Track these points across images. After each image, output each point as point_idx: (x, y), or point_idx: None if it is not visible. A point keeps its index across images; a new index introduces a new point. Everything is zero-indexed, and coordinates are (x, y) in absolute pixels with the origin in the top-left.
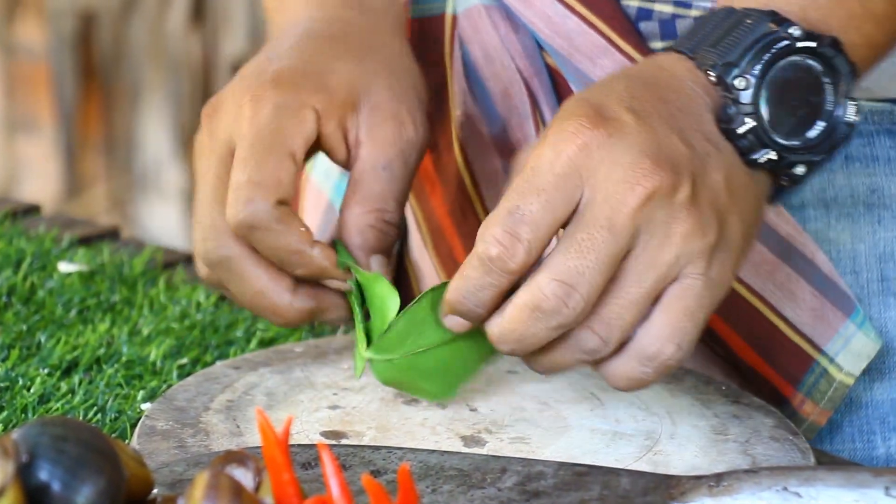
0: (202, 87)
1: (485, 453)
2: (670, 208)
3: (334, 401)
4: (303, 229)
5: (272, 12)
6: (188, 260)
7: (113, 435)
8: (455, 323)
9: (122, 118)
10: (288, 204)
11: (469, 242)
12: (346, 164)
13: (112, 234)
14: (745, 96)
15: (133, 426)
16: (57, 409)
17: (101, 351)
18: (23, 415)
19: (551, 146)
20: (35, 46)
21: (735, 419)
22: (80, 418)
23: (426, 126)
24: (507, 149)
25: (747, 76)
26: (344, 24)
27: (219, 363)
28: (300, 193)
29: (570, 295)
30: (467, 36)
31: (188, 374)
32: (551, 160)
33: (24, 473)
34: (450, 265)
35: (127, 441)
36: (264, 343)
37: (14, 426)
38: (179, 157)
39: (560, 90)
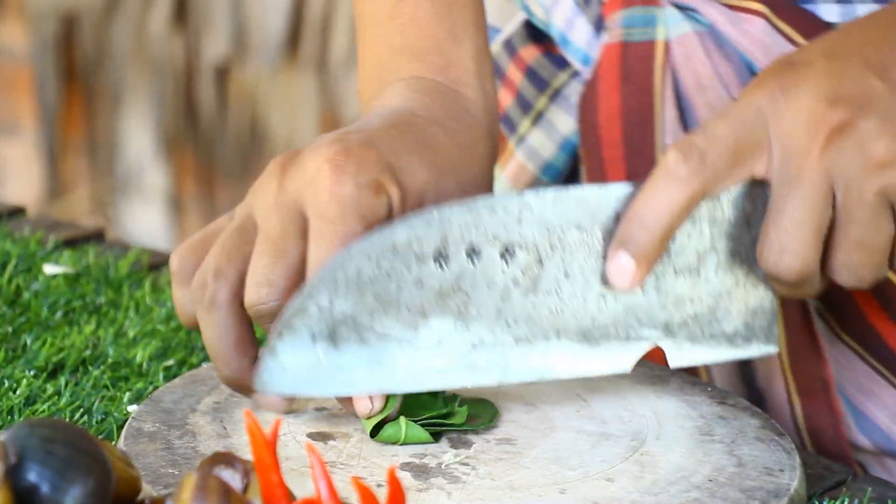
0: (184, 89)
1: (471, 453)
2: (859, 142)
3: (320, 402)
4: None
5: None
6: None
7: (99, 437)
8: (623, 264)
9: (104, 120)
10: None
11: None
12: None
13: (97, 236)
14: None
15: (119, 428)
16: (43, 411)
17: (87, 353)
18: (9, 417)
19: (742, 96)
20: (17, 48)
21: (721, 420)
22: (67, 420)
23: None
24: None
25: None
26: (438, 137)
27: (205, 365)
28: None
29: (783, 250)
30: (679, 64)
31: (174, 376)
32: (740, 104)
33: (13, 475)
34: None
35: (113, 442)
36: None
37: (1, 428)
38: (162, 160)
39: None
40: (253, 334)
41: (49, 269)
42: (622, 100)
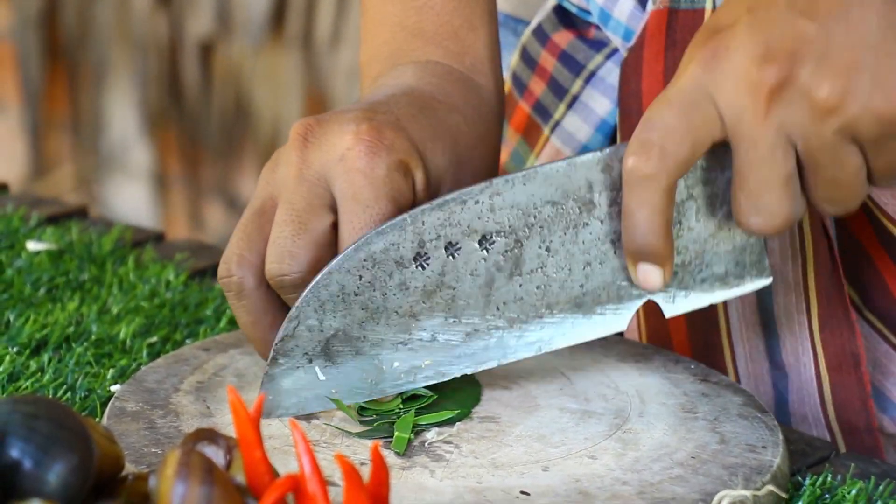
0: (169, 66)
1: (454, 431)
2: (801, 93)
3: None
4: None
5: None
6: (157, 238)
7: (83, 413)
8: (647, 272)
9: (88, 98)
10: None
11: None
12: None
13: (80, 213)
14: None
15: (103, 405)
16: (26, 388)
17: (71, 329)
18: None
19: (679, 73)
20: (0, 26)
21: (703, 397)
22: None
23: None
24: None
25: None
26: (459, 126)
27: (188, 345)
28: None
29: (759, 211)
30: None
31: (158, 353)
32: (679, 82)
33: None
34: None
35: (97, 420)
36: (233, 321)
37: None
38: (146, 137)
39: None
40: (286, 310)
41: (32, 245)
42: (666, 66)
